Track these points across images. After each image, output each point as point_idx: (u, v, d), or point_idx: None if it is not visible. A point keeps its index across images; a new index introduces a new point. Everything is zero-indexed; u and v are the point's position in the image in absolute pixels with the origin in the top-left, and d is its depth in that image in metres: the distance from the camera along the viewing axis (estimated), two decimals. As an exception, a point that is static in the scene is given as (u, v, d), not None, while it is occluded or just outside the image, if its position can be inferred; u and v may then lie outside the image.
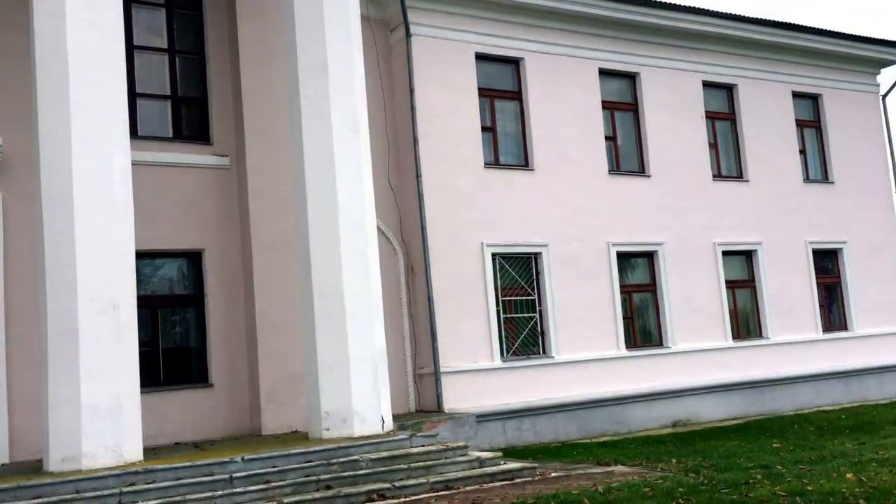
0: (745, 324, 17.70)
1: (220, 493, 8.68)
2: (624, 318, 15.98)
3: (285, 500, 8.63)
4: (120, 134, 9.81)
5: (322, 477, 9.26)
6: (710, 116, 17.93)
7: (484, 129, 15.13)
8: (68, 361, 9.19)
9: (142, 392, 9.80)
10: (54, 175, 9.45)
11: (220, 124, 13.31)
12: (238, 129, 13.22)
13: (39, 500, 8.08)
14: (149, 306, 12.31)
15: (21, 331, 11.11)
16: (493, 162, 15.21)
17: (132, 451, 9.33)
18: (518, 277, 15.14)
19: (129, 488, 8.49)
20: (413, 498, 9.00)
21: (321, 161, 11.02)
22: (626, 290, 16.25)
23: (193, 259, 13.08)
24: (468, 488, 9.40)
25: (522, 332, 15.03)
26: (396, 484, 9.29)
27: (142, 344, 9.84)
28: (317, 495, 8.85)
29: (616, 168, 16.56)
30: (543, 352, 15.10)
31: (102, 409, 9.18)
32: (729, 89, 18.30)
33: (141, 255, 10.95)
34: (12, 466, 10.50)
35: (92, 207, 9.46)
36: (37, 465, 9.99)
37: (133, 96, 12.29)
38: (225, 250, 13.11)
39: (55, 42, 9.53)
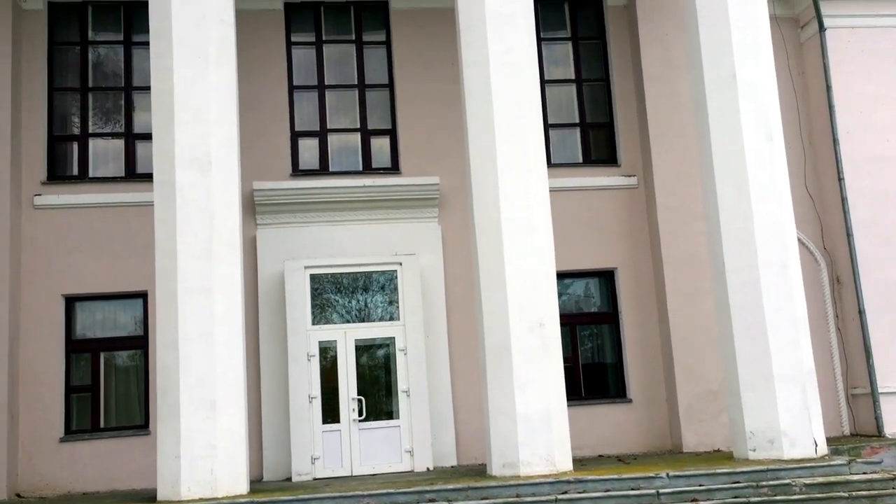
0: None
1: (647, 507, 8.84)
2: None
3: (714, 520, 8.50)
4: (538, 165, 10.52)
5: (751, 500, 8.92)
6: None
7: (919, 118, 13.49)
8: (503, 375, 10.04)
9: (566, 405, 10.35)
10: (484, 206, 10.42)
11: (627, 145, 13.65)
12: (644, 148, 13.43)
13: (486, 501, 8.97)
14: (568, 323, 12.94)
15: (461, 348, 12.46)
16: (935, 155, 13.46)
17: (562, 461, 9.89)
18: (973, 285, 13.14)
19: (563, 496, 9.01)
20: (857, 530, 8.28)
21: (733, 173, 10.71)
22: None
23: (607, 277, 13.52)
24: (924, 524, 8.38)
25: (982, 348, 12.98)
26: (836, 513, 8.64)
27: (563, 360, 10.39)
28: (747, 517, 8.58)
29: None
30: None
31: (535, 419, 9.87)
32: None
33: (559, 275, 11.58)
34: (460, 469, 11.78)
35: (517, 234, 10.25)
36: (480, 468, 11.10)
37: (546, 127, 13.11)
38: (637, 267, 13.35)
39: (480, 87, 10.53)
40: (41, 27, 12.77)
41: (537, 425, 9.84)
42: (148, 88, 10.99)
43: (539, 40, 13.24)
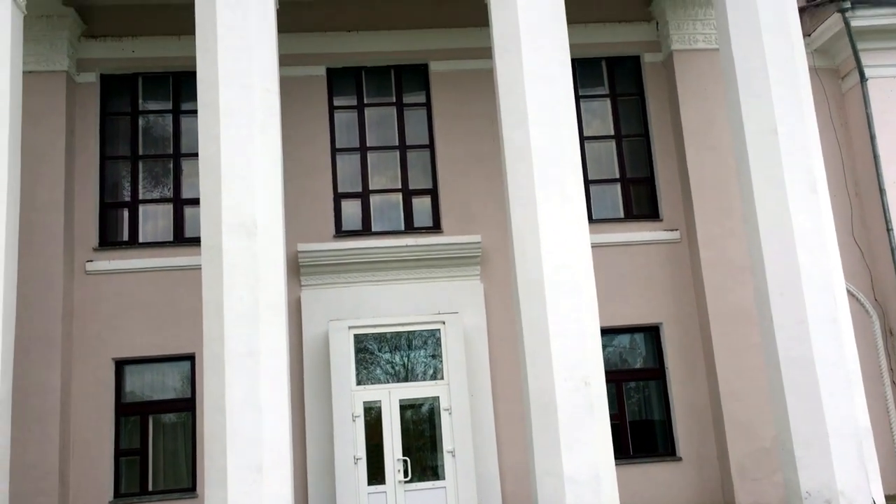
0: None
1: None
2: None
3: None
4: (580, 221, 10.46)
5: (810, 563, 8.65)
6: None
7: (968, 167, 13.26)
8: (549, 435, 9.88)
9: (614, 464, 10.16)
10: (526, 265, 10.37)
11: (668, 200, 13.60)
12: (686, 202, 13.37)
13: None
14: (613, 381, 12.76)
15: (506, 407, 12.35)
16: None
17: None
18: None
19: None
20: None
21: (777, 226, 10.60)
22: None
23: (652, 333, 13.37)
24: None
25: None
26: (901, 578, 8.29)
27: (610, 417, 10.23)
28: (807, 583, 8.28)
29: None
30: None
31: (582, 480, 9.65)
32: None
33: (603, 332, 11.47)
34: (507, 530, 11.60)
35: (560, 291, 10.16)
36: (528, 530, 10.89)
37: (587, 183, 13.09)
38: (682, 323, 13.18)
39: (520, 146, 10.54)
40: (94, 98, 13.24)
41: (585, 486, 9.63)
42: (196, 154, 11.30)
43: (578, 97, 13.38)
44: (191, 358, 12.46)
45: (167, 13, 13.12)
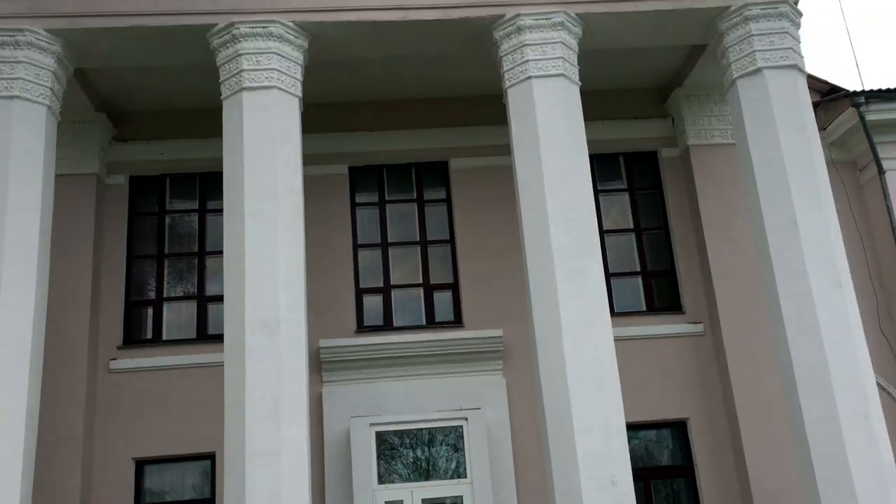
0: None
1: None
2: None
3: None
4: (602, 316, 10.45)
5: None
6: None
7: None
8: (580, 538, 9.62)
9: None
10: (549, 361, 10.29)
11: (690, 292, 13.53)
12: (708, 294, 13.30)
13: None
14: (640, 478, 12.44)
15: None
16: None
17: None
18: None
19: None
20: None
21: (802, 320, 10.48)
22: None
23: (678, 428, 13.10)
24: None
25: None
26: None
27: (639, 517, 9.99)
28: None
29: None
30: None
31: (613, 585, 9.37)
32: None
33: (628, 427, 11.22)
34: None
35: (584, 387, 10.04)
36: None
37: (607, 276, 13.08)
38: (709, 417, 12.91)
39: (540, 241, 10.59)
40: (122, 199, 13.54)
41: (616, 591, 9.33)
42: (220, 251, 11.46)
43: (596, 192, 13.46)
44: (211, 457, 12.32)
45: (195, 116, 13.52)
